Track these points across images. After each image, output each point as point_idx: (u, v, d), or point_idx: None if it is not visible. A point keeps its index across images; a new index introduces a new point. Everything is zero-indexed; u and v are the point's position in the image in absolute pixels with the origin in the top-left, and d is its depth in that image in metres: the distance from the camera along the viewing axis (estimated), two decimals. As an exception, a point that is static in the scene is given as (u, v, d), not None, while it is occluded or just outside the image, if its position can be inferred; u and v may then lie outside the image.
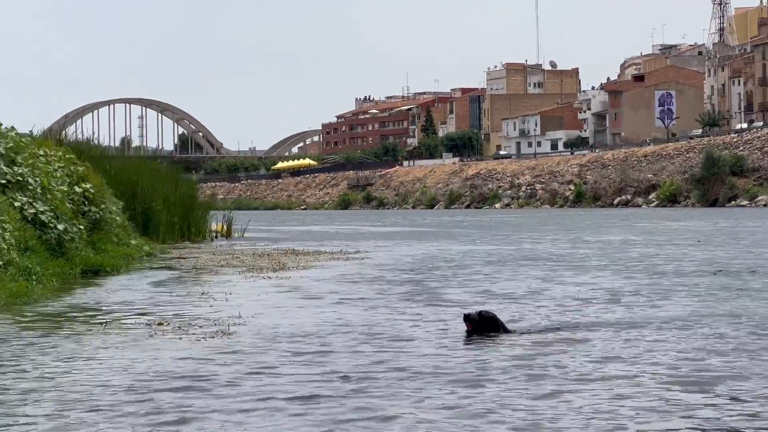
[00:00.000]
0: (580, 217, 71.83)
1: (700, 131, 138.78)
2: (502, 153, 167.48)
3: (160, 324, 12.62)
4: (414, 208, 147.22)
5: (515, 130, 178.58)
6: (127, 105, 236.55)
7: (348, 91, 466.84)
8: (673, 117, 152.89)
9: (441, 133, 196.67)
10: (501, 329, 11.24)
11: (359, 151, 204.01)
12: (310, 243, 36.14)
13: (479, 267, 22.68)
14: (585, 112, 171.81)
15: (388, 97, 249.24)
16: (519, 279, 19.26)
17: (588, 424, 7.17)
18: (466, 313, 11.32)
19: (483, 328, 11.11)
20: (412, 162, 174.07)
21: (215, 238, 38.95)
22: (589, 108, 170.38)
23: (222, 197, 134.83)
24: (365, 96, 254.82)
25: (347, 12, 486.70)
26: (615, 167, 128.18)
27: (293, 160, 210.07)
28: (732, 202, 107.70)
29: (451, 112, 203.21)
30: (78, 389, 8.47)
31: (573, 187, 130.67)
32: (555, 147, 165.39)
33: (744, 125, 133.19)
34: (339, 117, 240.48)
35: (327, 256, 27.40)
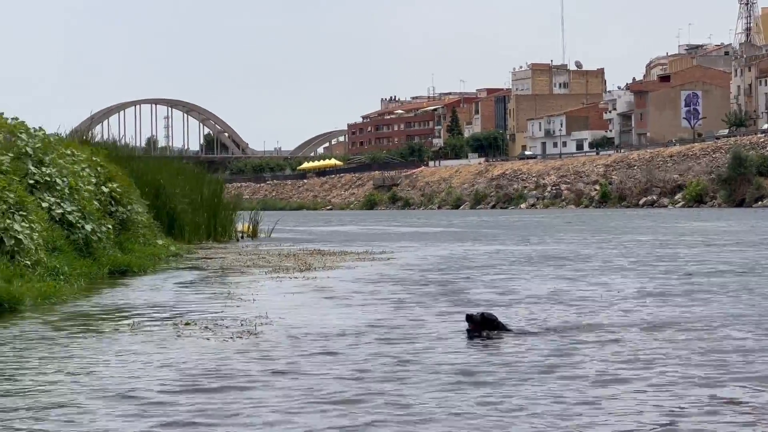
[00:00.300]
0: (606, 218, 71.62)
1: (726, 131, 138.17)
2: (527, 153, 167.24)
3: (187, 324, 12.66)
4: (439, 208, 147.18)
5: (540, 130, 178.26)
6: (153, 105, 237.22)
7: (374, 92, 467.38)
8: (700, 117, 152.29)
9: (466, 134, 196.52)
10: (501, 329, 11.55)
11: (385, 152, 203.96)
12: (335, 243, 36.16)
13: (505, 267, 22.65)
14: (610, 112, 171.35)
15: (413, 98, 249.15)
16: (543, 279, 19.21)
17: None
18: (468, 314, 11.65)
19: (484, 328, 11.45)
20: (437, 162, 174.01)
21: (241, 238, 39.02)
22: (615, 108, 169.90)
23: (247, 197, 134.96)
24: (391, 96, 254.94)
25: (373, 12, 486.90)
26: (641, 167, 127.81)
27: (319, 160, 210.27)
28: (759, 202, 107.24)
29: (477, 112, 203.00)
30: (106, 389, 8.50)
31: (598, 188, 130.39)
32: (580, 147, 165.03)
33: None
34: (365, 117, 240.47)
35: (353, 256, 27.41)
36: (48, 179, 20.21)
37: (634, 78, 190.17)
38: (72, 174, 21.66)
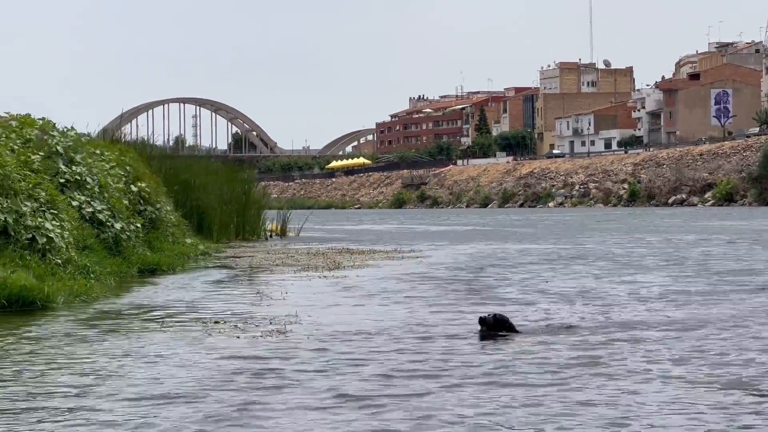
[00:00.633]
0: (636, 216, 71.39)
1: (757, 129, 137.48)
2: (555, 152, 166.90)
3: (216, 323, 12.68)
4: (468, 206, 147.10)
5: (569, 129, 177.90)
6: (182, 104, 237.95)
7: (402, 91, 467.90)
8: (730, 115, 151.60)
9: (494, 132, 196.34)
10: (513, 330, 11.50)
11: (413, 150, 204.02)
12: (364, 242, 36.16)
13: (535, 266, 22.58)
14: (639, 110, 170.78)
15: (441, 96, 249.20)
16: (573, 278, 19.15)
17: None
18: (481, 316, 11.65)
19: (496, 329, 11.44)
20: (465, 161, 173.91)
21: (270, 237, 39.05)
22: (644, 107, 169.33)
23: (276, 196, 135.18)
24: (419, 95, 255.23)
25: (401, 11, 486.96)
26: (670, 166, 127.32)
27: (347, 159, 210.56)
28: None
29: (505, 111, 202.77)
30: (135, 386, 8.52)
31: (627, 186, 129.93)
32: (609, 146, 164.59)
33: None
34: (393, 116, 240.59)
35: (382, 255, 27.41)
36: (78, 178, 20.30)
37: (663, 76, 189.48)
38: (101, 172, 21.75)
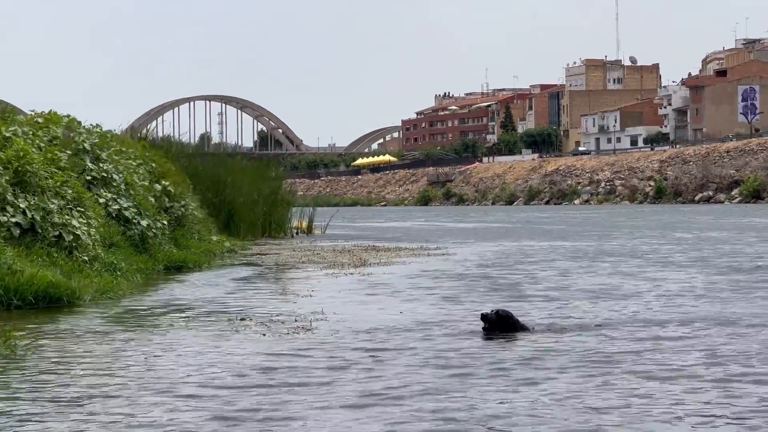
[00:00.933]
0: (663, 213, 71.11)
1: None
2: (581, 149, 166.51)
3: (242, 320, 12.68)
4: (493, 204, 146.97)
5: (594, 126, 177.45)
6: (207, 102, 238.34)
7: (427, 88, 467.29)
8: (757, 112, 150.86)
9: (520, 130, 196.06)
10: (517, 327, 11.39)
11: (439, 148, 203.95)
12: (390, 239, 36.14)
13: (561, 263, 22.50)
14: (665, 107, 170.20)
15: (467, 94, 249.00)
16: (598, 275, 19.09)
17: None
18: (483, 313, 11.54)
19: (499, 326, 11.31)
20: (491, 158, 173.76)
21: (296, 234, 39.09)
22: (670, 104, 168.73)
23: (302, 194, 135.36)
24: (444, 92, 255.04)
25: (426, 8, 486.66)
26: (696, 163, 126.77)
27: (373, 156, 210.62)
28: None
29: (530, 108, 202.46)
30: (161, 383, 8.52)
31: (653, 183, 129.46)
32: (635, 143, 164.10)
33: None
34: (419, 113, 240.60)
35: (408, 252, 27.38)
36: (105, 175, 20.36)
37: (689, 73, 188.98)
38: (127, 170, 21.81)
